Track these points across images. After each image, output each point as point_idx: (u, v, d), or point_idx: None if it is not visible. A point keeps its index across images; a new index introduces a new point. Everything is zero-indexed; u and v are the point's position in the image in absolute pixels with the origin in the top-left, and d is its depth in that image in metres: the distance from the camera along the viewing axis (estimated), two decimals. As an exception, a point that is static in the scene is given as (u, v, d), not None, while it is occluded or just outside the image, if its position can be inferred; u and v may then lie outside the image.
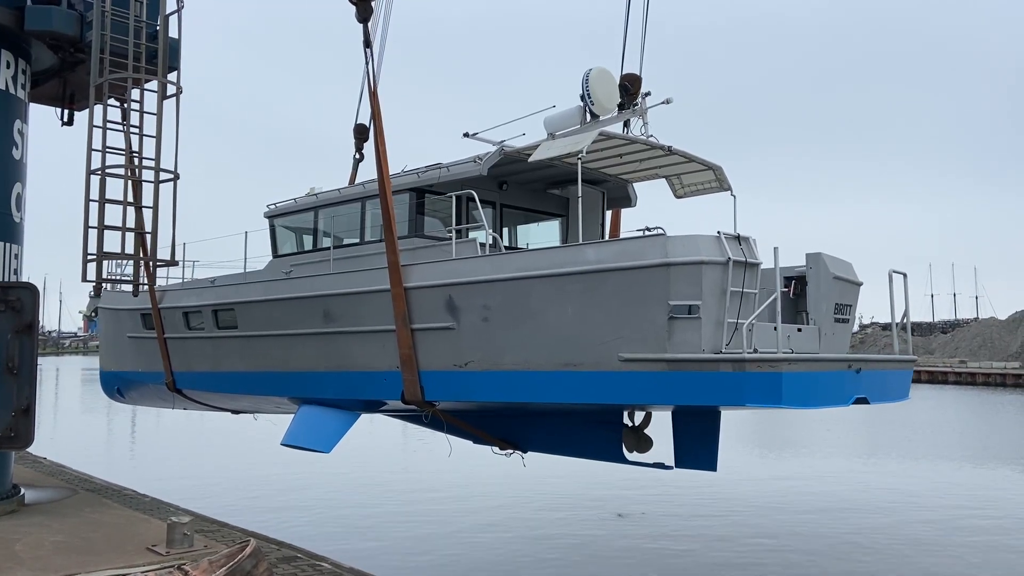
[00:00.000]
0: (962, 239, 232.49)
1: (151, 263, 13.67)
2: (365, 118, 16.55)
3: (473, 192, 11.66)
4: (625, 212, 14.64)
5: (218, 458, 29.74)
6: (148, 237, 13.05)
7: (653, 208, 14.62)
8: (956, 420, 45.50)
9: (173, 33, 13.87)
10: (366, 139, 16.97)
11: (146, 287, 14.45)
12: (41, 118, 16.38)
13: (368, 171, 15.63)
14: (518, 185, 13.76)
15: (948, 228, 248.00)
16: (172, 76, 13.67)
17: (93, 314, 19.69)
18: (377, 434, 21.76)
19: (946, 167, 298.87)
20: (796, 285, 11.62)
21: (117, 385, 18.34)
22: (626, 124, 12.34)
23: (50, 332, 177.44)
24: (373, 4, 11.76)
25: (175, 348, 15.59)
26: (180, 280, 16.85)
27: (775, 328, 9.49)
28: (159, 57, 13.12)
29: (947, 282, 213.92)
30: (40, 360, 16.06)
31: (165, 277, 16.67)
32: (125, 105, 13.08)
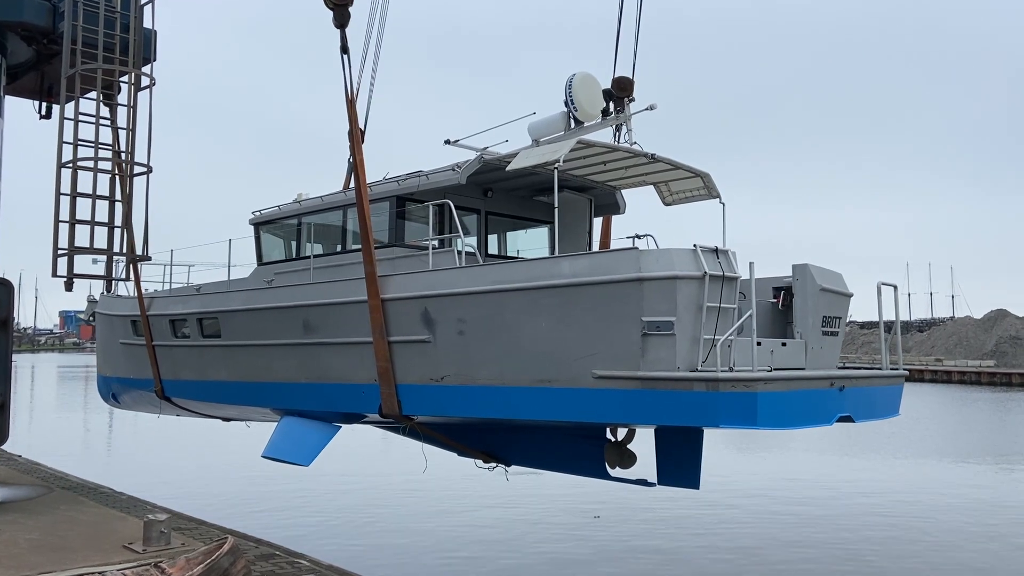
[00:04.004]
0: (939, 238, 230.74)
1: (128, 259, 12.82)
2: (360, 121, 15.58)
3: (449, 202, 10.73)
4: (620, 218, 13.66)
5: (196, 457, 28.42)
6: (118, 231, 12.23)
7: (653, 213, 13.53)
8: (933, 417, 44.54)
9: (149, 24, 13.09)
10: (362, 142, 16.04)
11: (130, 285, 13.63)
12: (19, 111, 15.67)
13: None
14: (504, 192, 12.83)
15: (925, 227, 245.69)
16: (147, 68, 12.84)
17: (91, 318, 18.68)
18: (359, 434, 20.84)
19: (926, 167, 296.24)
20: (785, 296, 10.62)
21: (112, 390, 17.44)
22: (618, 129, 11.34)
23: (25, 329, 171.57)
24: (351, 10, 10.81)
25: (163, 356, 14.70)
26: (181, 284, 15.90)
27: (758, 343, 8.62)
28: (130, 48, 12.30)
29: (924, 281, 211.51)
30: (15, 357, 15.37)
31: (162, 281, 15.84)
32: (98, 97, 12.24)
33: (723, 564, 16.20)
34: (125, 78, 12.56)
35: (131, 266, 14.16)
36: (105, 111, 12.30)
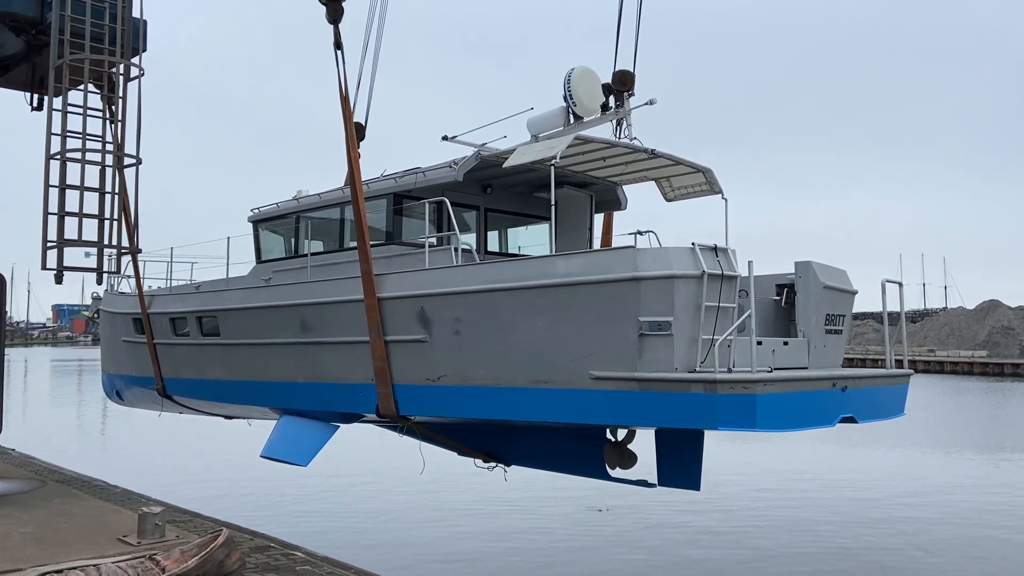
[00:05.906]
0: (932, 229, 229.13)
1: (119, 251, 12.41)
2: (360, 116, 15.15)
3: (445, 199, 10.29)
4: (623, 213, 13.23)
5: (194, 453, 27.61)
6: (107, 224, 11.82)
7: (658, 209, 13.03)
8: (929, 408, 44.01)
9: (138, 14, 12.70)
10: (363, 138, 15.66)
11: (131, 282, 13.20)
12: (11, 103, 15.22)
13: (366, 172, 14.31)
14: (504, 188, 12.37)
15: (918, 218, 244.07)
16: (137, 59, 12.46)
17: (95, 315, 18.27)
18: (356, 431, 20.40)
19: (920, 158, 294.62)
20: (788, 293, 10.17)
21: (116, 388, 17.08)
22: (619, 124, 10.88)
23: (18, 323, 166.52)
24: (344, 5, 10.35)
25: (164, 354, 14.31)
26: (184, 281, 15.47)
27: (759, 343, 8.30)
28: (118, 38, 11.87)
29: (916, 271, 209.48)
30: (8, 351, 14.93)
31: (165, 279, 15.39)
32: (85, 88, 11.82)
33: (723, 565, 15.78)
34: (115, 68, 12.17)
35: (132, 263, 13.77)
36: (96, 102, 11.90)
